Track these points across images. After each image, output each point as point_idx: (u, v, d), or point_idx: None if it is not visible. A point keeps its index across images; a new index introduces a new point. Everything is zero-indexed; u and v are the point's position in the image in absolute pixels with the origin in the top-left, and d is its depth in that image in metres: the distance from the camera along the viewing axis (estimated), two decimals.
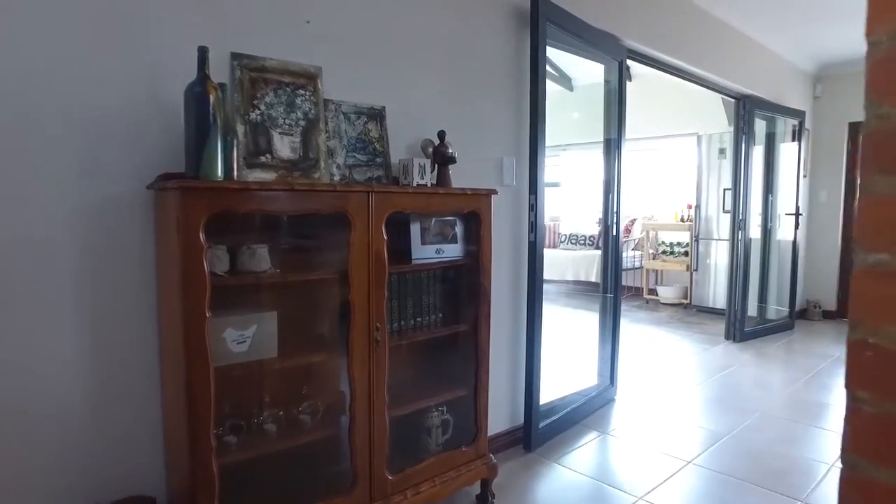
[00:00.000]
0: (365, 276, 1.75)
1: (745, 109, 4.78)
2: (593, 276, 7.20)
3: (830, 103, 5.98)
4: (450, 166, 2.18)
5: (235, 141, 1.67)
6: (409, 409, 2.04)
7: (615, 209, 3.42)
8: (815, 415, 3.24)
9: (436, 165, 2.18)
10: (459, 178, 2.29)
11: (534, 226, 2.67)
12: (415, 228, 2.10)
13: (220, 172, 1.53)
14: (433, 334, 2.12)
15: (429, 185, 2.07)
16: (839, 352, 4.63)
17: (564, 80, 8.04)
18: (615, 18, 3.17)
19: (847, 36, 4.96)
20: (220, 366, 1.53)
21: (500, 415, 2.72)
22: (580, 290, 7.62)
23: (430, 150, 2.19)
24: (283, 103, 1.87)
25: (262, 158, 1.80)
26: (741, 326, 4.94)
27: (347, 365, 1.76)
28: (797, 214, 5.42)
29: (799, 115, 5.38)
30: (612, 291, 3.51)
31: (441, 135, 2.16)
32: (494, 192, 2.17)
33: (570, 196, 8.45)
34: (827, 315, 6.06)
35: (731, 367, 4.16)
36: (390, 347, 1.87)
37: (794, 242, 5.53)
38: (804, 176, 5.76)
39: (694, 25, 3.98)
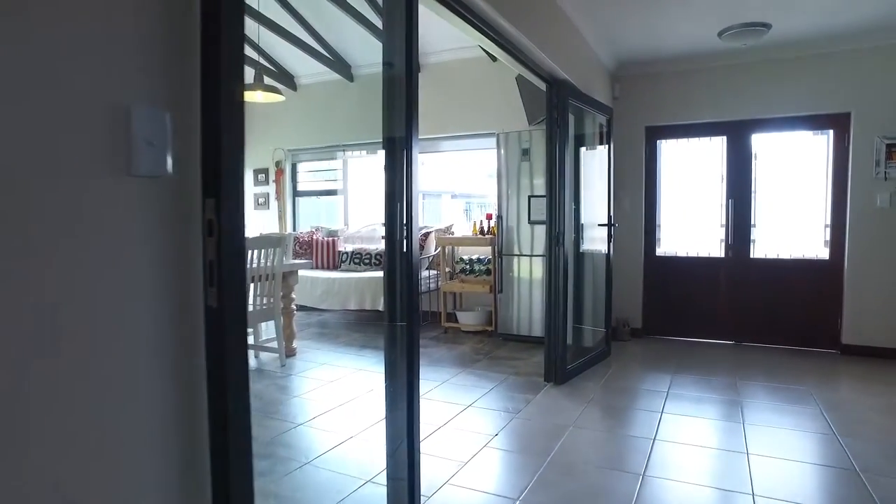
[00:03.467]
0: None
1: (558, 98, 3.84)
2: (380, 304, 5.89)
3: (628, 105, 5.49)
4: None
5: None
6: None
7: (405, 221, 2.08)
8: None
9: None
10: None
11: (215, 275, 1.15)
12: None
13: None
14: None
15: None
16: (664, 384, 3.98)
17: (343, 67, 6.65)
18: None
19: (646, 32, 4.38)
20: None
21: None
22: (366, 319, 6.28)
23: None
24: None
25: None
26: (563, 365, 3.99)
27: None
28: (611, 225, 4.71)
29: (608, 111, 4.69)
30: (406, 342, 2.14)
31: None
32: None
33: (353, 207, 7.07)
34: (635, 333, 5.56)
35: (566, 432, 3.10)
36: None
37: (609, 257, 4.81)
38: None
39: None
